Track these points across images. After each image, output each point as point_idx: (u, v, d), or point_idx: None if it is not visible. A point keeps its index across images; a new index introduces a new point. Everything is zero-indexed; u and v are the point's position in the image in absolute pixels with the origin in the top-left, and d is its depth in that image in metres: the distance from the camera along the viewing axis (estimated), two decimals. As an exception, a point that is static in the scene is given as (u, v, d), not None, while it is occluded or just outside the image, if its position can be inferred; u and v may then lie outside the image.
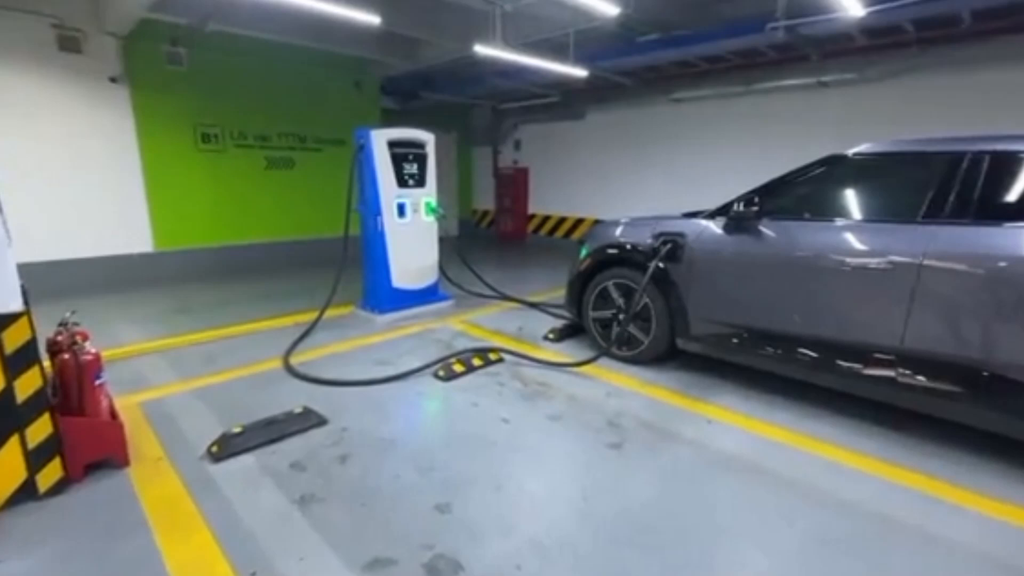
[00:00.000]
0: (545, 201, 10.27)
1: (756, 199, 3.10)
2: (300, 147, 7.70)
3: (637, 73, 7.25)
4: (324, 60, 7.52)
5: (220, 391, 3.38)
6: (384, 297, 5.04)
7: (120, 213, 6.23)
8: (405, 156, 4.96)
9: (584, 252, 4.16)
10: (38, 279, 5.65)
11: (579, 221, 9.64)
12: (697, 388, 3.47)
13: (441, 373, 3.59)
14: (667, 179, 8.20)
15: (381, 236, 4.90)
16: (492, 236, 11.27)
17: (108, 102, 5.96)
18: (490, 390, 3.42)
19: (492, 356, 3.89)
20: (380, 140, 4.76)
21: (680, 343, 3.61)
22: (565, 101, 8.65)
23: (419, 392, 3.38)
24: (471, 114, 11.13)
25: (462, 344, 4.33)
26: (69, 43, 5.64)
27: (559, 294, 6.07)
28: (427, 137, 5.13)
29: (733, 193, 3.36)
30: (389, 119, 8.28)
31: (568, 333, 4.52)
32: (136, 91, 6.15)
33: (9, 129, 5.37)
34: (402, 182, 4.96)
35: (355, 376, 3.59)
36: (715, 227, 3.36)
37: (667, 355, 3.79)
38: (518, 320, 5.06)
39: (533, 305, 5.49)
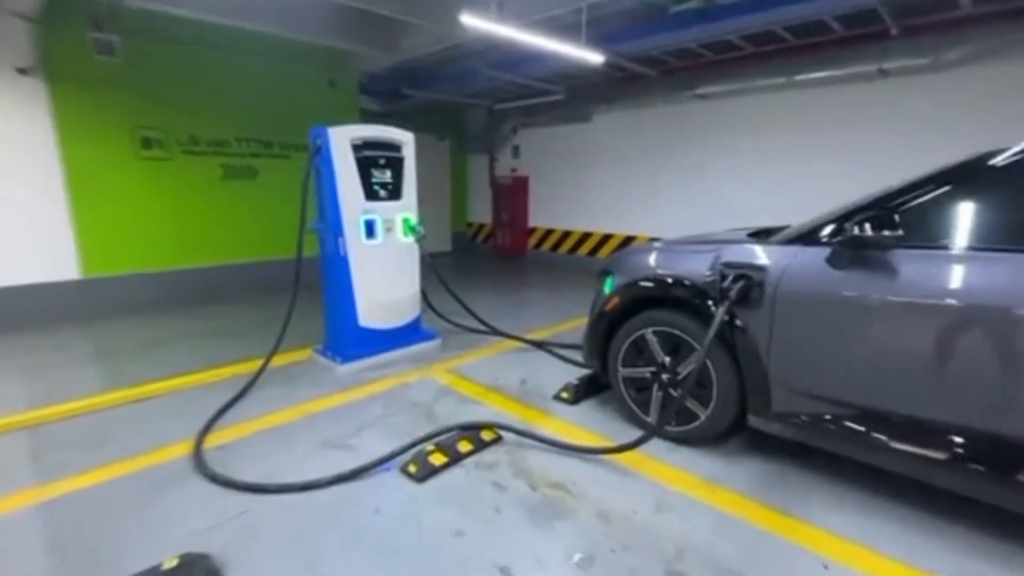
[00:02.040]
0: (547, 213, 9.22)
1: (888, 216, 2.03)
2: (265, 154, 6.64)
3: (661, 61, 6.19)
4: (292, 53, 6.49)
5: (80, 507, 2.27)
6: (348, 340, 3.95)
7: (35, 233, 5.13)
8: (375, 161, 3.89)
9: (609, 286, 3.09)
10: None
11: (585, 236, 8.58)
12: (781, 490, 2.38)
13: (413, 469, 2.49)
14: (687, 190, 7.15)
15: (343, 262, 3.82)
16: (489, 252, 10.20)
17: (17, 100, 4.89)
18: (483, 499, 2.32)
19: (486, 435, 2.79)
20: (341, 140, 3.70)
21: (754, 421, 2.53)
22: (570, 100, 7.63)
23: (377, 507, 2.27)
24: (465, 118, 10.12)
25: (446, 408, 3.23)
26: (-33, 27, 4.59)
27: (568, 327, 5.01)
28: (404, 137, 4.07)
29: (767, 209, 2.46)
30: (371, 123, 7.23)
31: (587, 390, 3.43)
32: (55, 86, 5.08)
33: None
34: (371, 194, 3.88)
35: (288, 472, 2.49)
36: (812, 257, 2.29)
37: (728, 431, 2.71)
38: (520, 367, 3.97)
39: (538, 344, 4.39)
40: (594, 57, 4.91)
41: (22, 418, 3.08)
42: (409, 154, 4.09)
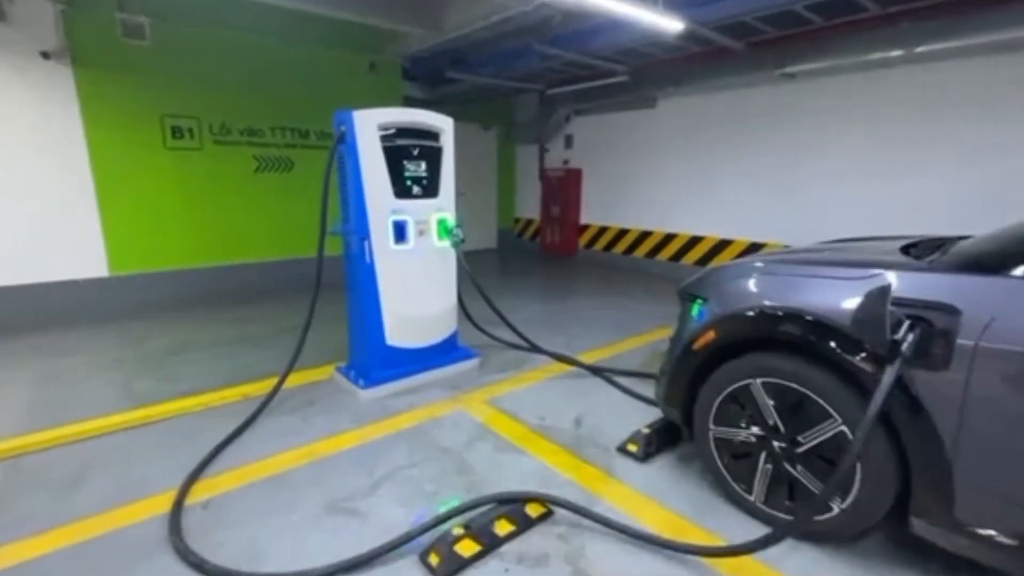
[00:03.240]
0: (601, 209, 8.43)
1: None
2: (301, 144, 6.22)
3: (751, 30, 5.23)
4: (330, 35, 6.01)
5: (17, 591, 1.80)
6: (373, 361, 3.39)
7: (63, 228, 4.89)
8: (407, 151, 3.29)
9: (697, 314, 2.35)
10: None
11: (643, 235, 7.75)
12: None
13: (434, 560, 1.87)
14: (769, 187, 6.19)
15: (369, 271, 3.25)
16: (536, 250, 9.52)
17: (42, 86, 4.62)
18: (527, 621, 1.67)
19: (531, 512, 2.14)
20: (368, 126, 3.11)
21: (920, 527, 1.75)
22: (634, 82, 6.77)
23: (382, 625, 1.67)
24: (514, 105, 9.44)
25: (482, 458, 2.60)
26: (-8, 9, 4.32)
27: (629, 346, 4.27)
28: (443, 123, 3.44)
29: (875, 213, 1.56)
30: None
31: (660, 442, 2.72)
32: (82, 71, 4.79)
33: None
34: (403, 190, 3.29)
35: (279, 547, 1.94)
36: (1044, 298, 1.49)
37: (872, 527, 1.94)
38: (573, 399, 3.29)
39: (595, 370, 3.69)
40: (672, 25, 4.10)
41: (5, 446, 2.69)
42: (448, 143, 3.47)
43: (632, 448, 2.69)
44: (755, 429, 2.13)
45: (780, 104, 5.95)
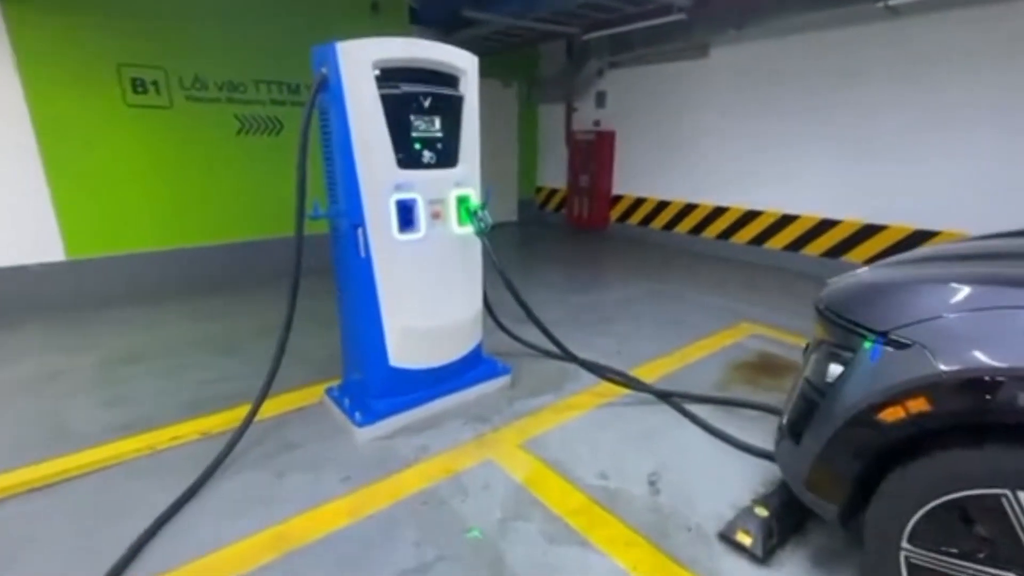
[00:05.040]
0: (637, 178, 7.39)
1: None
2: (291, 101, 5.26)
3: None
4: (322, -34, 4.97)
5: None
6: (372, 387, 2.56)
7: (6, 205, 4.05)
8: (416, 102, 2.36)
9: (876, 359, 1.45)
10: None
11: (687, 208, 6.74)
12: None
13: None
14: (855, 155, 5.12)
15: (365, 269, 2.38)
16: (561, 223, 8.55)
17: (-38, 25, 3.70)
18: None
19: None
20: (358, 65, 2.18)
21: None
22: (689, 22, 5.61)
23: None
24: (540, 56, 8.30)
25: (526, 557, 1.78)
26: None
27: (698, 356, 3.37)
28: (463, 61, 2.49)
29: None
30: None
31: (785, 527, 1.87)
32: (12, 7, 3.85)
33: None
34: (409, 157, 2.38)
35: None
36: None
37: None
38: (641, 442, 2.44)
39: (664, 396, 2.81)
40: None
41: None
42: (471, 90, 2.52)
43: (743, 539, 1.84)
44: (1002, 568, 1.26)
45: (874, 49, 4.82)
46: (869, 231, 5.12)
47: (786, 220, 5.76)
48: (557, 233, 8.03)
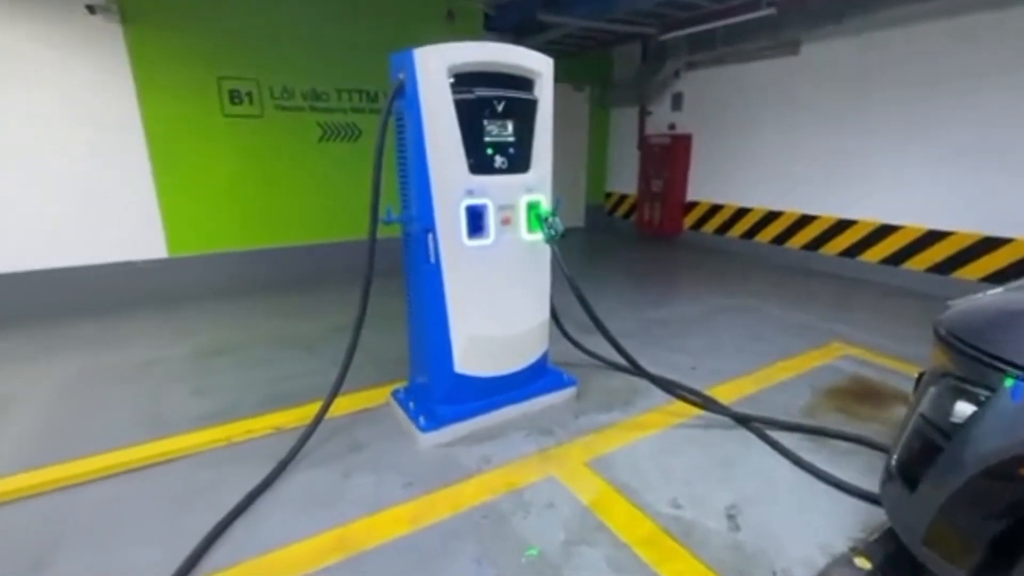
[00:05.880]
0: (714, 184, 7.02)
1: None
2: (369, 109, 5.46)
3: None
4: (403, -23, 5.12)
5: None
6: (437, 392, 2.55)
7: (118, 204, 4.49)
8: (489, 106, 2.32)
9: (1015, 398, 1.22)
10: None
11: (770, 216, 6.30)
12: None
13: None
14: (973, 162, 4.55)
15: (434, 274, 2.37)
16: (630, 230, 8.29)
17: (90, 45, 4.13)
18: None
19: None
20: (434, 70, 2.17)
21: None
22: (779, 17, 5.24)
23: None
24: (613, 58, 8.13)
25: (586, 564, 1.68)
26: (35, -42, 3.84)
27: (783, 377, 3.07)
28: (539, 64, 2.43)
29: None
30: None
31: (889, 584, 1.64)
32: (132, 28, 4.26)
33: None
34: (481, 162, 2.35)
35: None
36: None
37: None
38: (719, 470, 2.25)
39: (743, 420, 2.60)
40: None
41: (-14, 487, 2.15)
42: (545, 94, 2.46)
43: (841, 594, 1.63)
44: None
45: (1003, 41, 4.26)
46: (988, 245, 4.53)
47: (885, 231, 5.23)
48: (626, 240, 7.79)
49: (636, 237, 7.95)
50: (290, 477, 2.23)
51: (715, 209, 7.06)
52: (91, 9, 4.03)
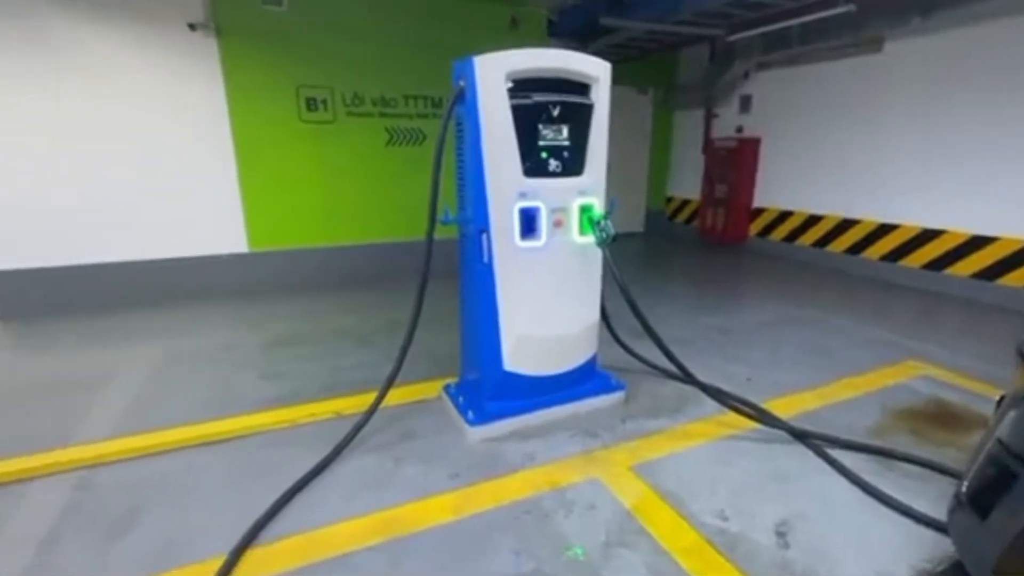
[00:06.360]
0: (784, 189, 6.70)
1: None
2: (433, 114, 5.66)
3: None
4: (469, -14, 5.28)
5: None
6: (486, 388, 2.62)
7: (208, 202, 4.93)
8: (545, 111, 2.37)
9: None
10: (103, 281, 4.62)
11: (845, 224, 5.93)
12: None
13: None
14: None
15: (487, 274, 2.45)
16: (692, 236, 8.06)
17: (190, 59, 4.57)
18: None
19: None
20: (492, 77, 2.25)
21: None
22: (859, 13, 4.94)
23: None
24: (678, 60, 7.96)
25: (626, 567, 1.67)
26: (145, -19, 4.30)
27: (848, 395, 2.90)
28: (595, 69, 2.45)
29: None
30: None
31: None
32: (225, 42, 4.66)
33: (67, 96, 4.25)
34: (535, 166, 2.40)
35: None
36: None
37: None
38: (770, 485, 2.17)
39: (800, 436, 2.48)
40: None
41: (89, 452, 2.44)
42: (601, 98, 2.47)
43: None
44: None
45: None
46: (1103, 260, 4.05)
47: (976, 242, 4.79)
48: (687, 246, 7.59)
49: (698, 243, 7.72)
50: (346, 460, 2.37)
51: (784, 216, 6.73)
52: (192, 27, 4.45)
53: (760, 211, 7.05)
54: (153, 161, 4.62)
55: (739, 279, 5.88)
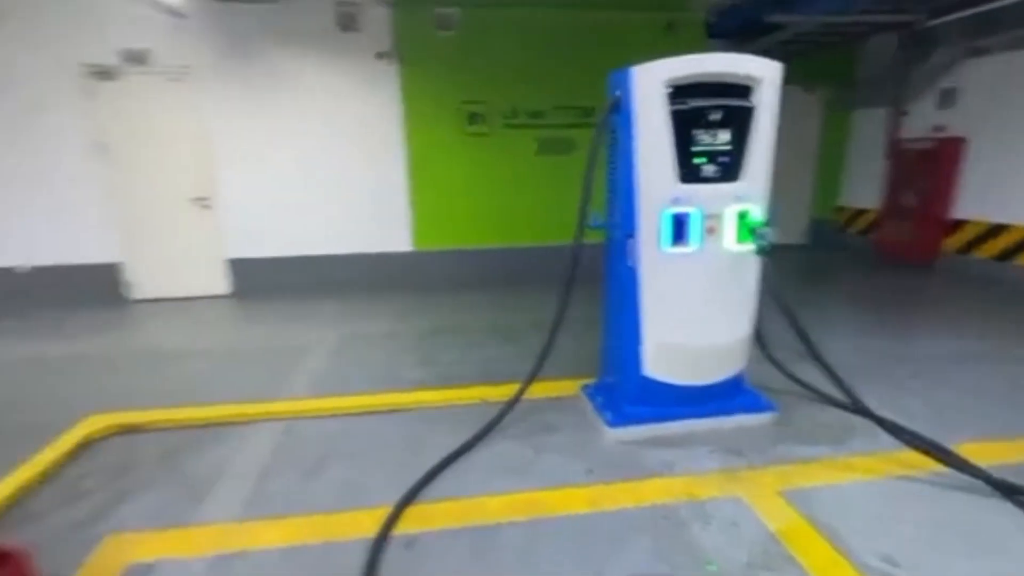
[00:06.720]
0: (997, 199, 5.56)
1: None
2: (583, 123, 5.80)
3: None
4: (624, -4, 5.33)
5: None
6: (626, 391, 2.66)
7: (384, 207, 5.67)
8: (702, 116, 2.34)
9: None
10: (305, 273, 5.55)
11: (1090, 242, 4.74)
12: None
13: None
14: None
15: (630, 278, 2.49)
16: (866, 251, 7.09)
17: (377, 85, 5.31)
18: None
19: None
20: (650, 84, 2.29)
21: None
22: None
23: None
24: (855, 54, 7.08)
25: (774, 617, 1.59)
26: (348, 21, 5.12)
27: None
28: (760, 70, 2.36)
29: None
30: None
31: None
32: (405, 67, 5.33)
33: (286, 119, 5.21)
34: (690, 172, 2.38)
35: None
36: None
37: None
38: (953, 539, 1.88)
39: (1006, 490, 2.09)
40: None
41: (297, 407, 3.00)
42: (766, 101, 2.37)
43: None
44: None
45: None
46: None
47: None
48: (861, 262, 6.69)
49: (874, 260, 6.76)
50: (491, 442, 2.58)
51: (995, 230, 5.60)
52: (379, 56, 5.17)
53: (960, 223, 5.95)
54: (342, 172, 5.45)
55: (928, 302, 5.03)
